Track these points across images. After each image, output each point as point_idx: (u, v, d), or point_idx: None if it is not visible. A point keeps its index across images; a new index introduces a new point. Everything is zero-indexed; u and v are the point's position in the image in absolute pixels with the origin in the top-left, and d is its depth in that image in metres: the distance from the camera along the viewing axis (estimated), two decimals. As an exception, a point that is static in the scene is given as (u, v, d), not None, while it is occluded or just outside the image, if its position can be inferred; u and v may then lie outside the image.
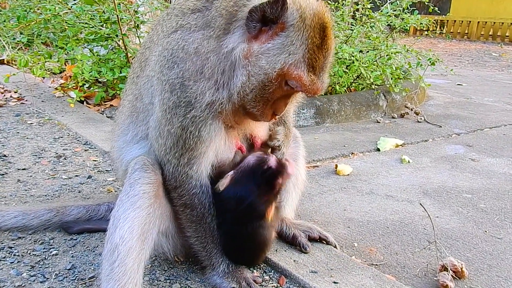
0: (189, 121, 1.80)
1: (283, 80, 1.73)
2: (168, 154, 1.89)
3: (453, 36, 20.77)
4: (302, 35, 1.68)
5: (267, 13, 1.65)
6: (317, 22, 1.70)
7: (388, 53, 5.40)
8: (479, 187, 3.49)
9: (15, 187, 2.95)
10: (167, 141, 1.87)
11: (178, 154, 1.87)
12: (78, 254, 2.25)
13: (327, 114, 5.23)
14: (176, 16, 1.88)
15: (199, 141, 1.83)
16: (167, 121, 1.84)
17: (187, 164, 1.89)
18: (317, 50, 1.71)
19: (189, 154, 1.86)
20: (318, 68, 1.74)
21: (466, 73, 10.28)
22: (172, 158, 1.89)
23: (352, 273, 2.07)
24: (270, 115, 1.86)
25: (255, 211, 1.95)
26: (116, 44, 5.15)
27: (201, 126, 1.81)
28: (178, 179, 1.92)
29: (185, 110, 1.79)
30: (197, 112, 1.79)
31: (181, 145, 1.85)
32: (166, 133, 1.86)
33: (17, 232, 2.40)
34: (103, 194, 2.94)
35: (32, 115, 4.57)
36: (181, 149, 1.85)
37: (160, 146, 1.91)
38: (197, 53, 1.76)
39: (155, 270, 2.13)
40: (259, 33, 1.70)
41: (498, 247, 2.60)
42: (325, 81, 1.81)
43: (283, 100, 1.85)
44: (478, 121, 5.60)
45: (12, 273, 2.07)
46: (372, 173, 3.74)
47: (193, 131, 1.81)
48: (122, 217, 1.79)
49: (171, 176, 1.93)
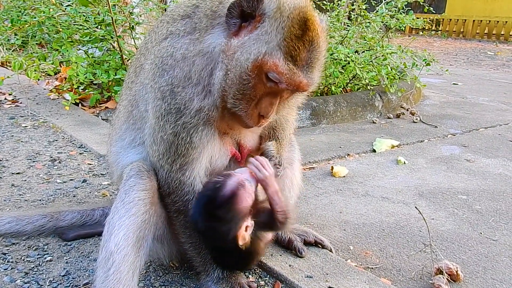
0: (180, 127, 1.80)
1: (262, 73, 1.66)
2: (161, 160, 1.89)
3: (448, 34, 20.85)
4: (278, 24, 1.63)
5: (244, 8, 1.64)
6: (297, 14, 1.65)
7: (384, 54, 5.40)
8: (474, 188, 3.50)
9: (9, 191, 2.93)
10: (160, 147, 1.87)
11: (170, 160, 1.87)
12: (73, 260, 2.23)
13: (323, 115, 5.23)
14: (167, 23, 1.88)
15: (191, 147, 1.83)
16: (160, 128, 1.84)
17: (179, 170, 1.88)
18: (297, 40, 1.63)
19: (181, 160, 1.86)
20: (299, 60, 1.65)
21: (461, 72, 10.31)
22: (165, 164, 1.89)
23: (348, 278, 2.06)
24: (257, 117, 1.79)
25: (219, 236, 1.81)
26: (111, 46, 5.13)
27: (192, 132, 1.81)
28: (171, 185, 1.92)
29: (175, 117, 1.79)
30: (186, 119, 1.79)
31: (173, 151, 1.84)
32: (159, 139, 1.86)
33: (11, 238, 2.38)
34: (98, 198, 2.92)
35: (27, 118, 4.54)
36: (173, 155, 1.85)
37: (154, 152, 1.91)
38: (184, 58, 1.76)
39: (150, 276, 2.12)
40: (239, 29, 1.69)
41: (493, 249, 2.61)
42: (313, 77, 1.72)
43: (268, 99, 1.76)
44: (473, 121, 5.62)
45: (6, 280, 2.06)
46: (367, 174, 3.74)
47: (184, 137, 1.81)
48: (117, 224, 1.78)
49: (165, 182, 1.93)
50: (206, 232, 1.84)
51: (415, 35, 12.53)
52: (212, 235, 1.82)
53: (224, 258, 1.95)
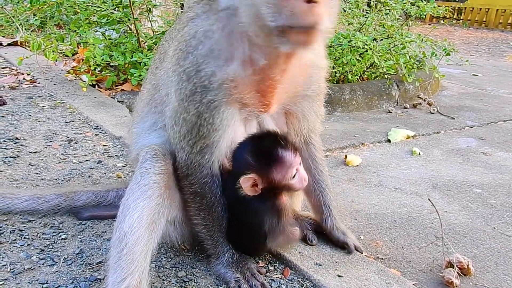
0: (204, 107, 1.81)
1: None
2: (182, 141, 1.92)
3: (470, 24, 20.32)
4: None
5: None
6: None
7: (403, 42, 5.30)
8: (490, 182, 3.45)
9: (26, 170, 2.99)
10: (181, 128, 1.90)
11: (191, 142, 1.89)
12: (87, 239, 2.28)
13: (338, 103, 5.19)
14: (190, 9, 1.92)
15: (213, 128, 1.85)
16: (183, 109, 1.86)
17: (199, 153, 1.91)
18: None
19: (202, 142, 1.88)
20: None
21: (482, 62, 10.09)
22: (185, 146, 1.91)
23: (357, 267, 2.07)
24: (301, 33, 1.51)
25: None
26: (128, 28, 5.14)
27: (215, 113, 1.82)
28: (190, 167, 1.94)
29: (201, 96, 1.81)
30: (211, 96, 1.80)
31: (195, 132, 1.86)
32: (181, 120, 1.88)
33: (28, 215, 2.44)
34: (112, 179, 2.96)
35: (44, 98, 4.60)
36: (194, 136, 1.88)
37: (175, 133, 1.94)
38: (205, 35, 1.79)
39: (161, 258, 2.16)
40: None
41: (506, 244, 2.58)
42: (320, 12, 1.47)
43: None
44: (492, 114, 5.51)
45: (22, 255, 2.11)
46: (381, 164, 3.72)
47: (207, 118, 1.82)
48: (132, 206, 1.81)
49: (183, 164, 1.95)
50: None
51: (436, 24, 12.23)
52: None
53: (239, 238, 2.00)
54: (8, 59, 6.38)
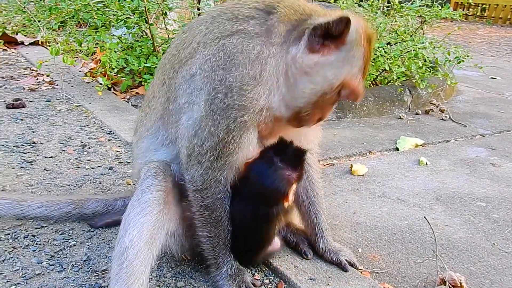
0: (237, 125, 1.86)
1: (340, 88, 1.92)
2: (203, 156, 1.92)
3: (494, 21, 19.83)
4: (360, 49, 1.88)
5: (331, 30, 1.82)
6: (367, 36, 1.90)
7: (415, 48, 5.28)
8: (495, 195, 3.45)
9: (41, 175, 3.15)
10: (205, 143, 1.90)
11: (213, 158, 1.91)
12: (94, 246, 2.41)
13: (349, 108, 5.21)
14: (230, 21, 1.91)
15: (238, 147, 1.92)
16: (212, 122, 1.86)
17: (219, 169, 1.95)
18: (368, 61, 1.93)
19: (224, 159, 1.93)
20: (365, 77, 1.98)
21: (502, 64, 9.88)
22: (206, 161, 1.92)
23: (349, 283, 2.14)
24: (316, 120, 2.04)
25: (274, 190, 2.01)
26: (143, 33, 5.26)
27: (244, 132, 1.90)
28: (206, 182, 1.96)
29: (236, 114, 1.85)
30: (247, 117, 1.87)
31: (220, 149, 1.90)
32: (206, 133, 1.89)
33: (40, 221, 2.58)
34: (122, 186, 3.09)
35: (62, 101, 4.77)
36: (218, 152, 1.90)
37: (195, 146, 1.92)
38: (258, 58, 1.85)
39: (162, 267, 2.27)
40: (320, 46, 1.86)
41: (504, 261, 2.60)
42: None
43: (330, 106, 2.02)
44: (506, 121, 5.44)
45: (34, 261, 2.26)
46: (387, 174, 3.75)
47: (235, 136, 1.88)
48: (132, 221, 1.92)
49: (199, 178, 1.96)
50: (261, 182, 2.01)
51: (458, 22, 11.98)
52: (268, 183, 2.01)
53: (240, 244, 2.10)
54: (29, 59, 6.62)
